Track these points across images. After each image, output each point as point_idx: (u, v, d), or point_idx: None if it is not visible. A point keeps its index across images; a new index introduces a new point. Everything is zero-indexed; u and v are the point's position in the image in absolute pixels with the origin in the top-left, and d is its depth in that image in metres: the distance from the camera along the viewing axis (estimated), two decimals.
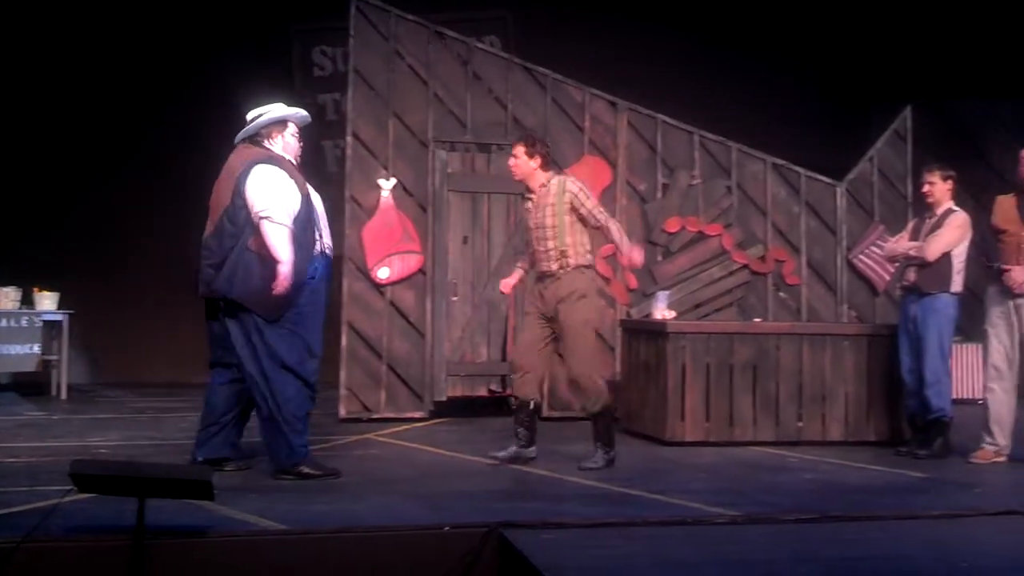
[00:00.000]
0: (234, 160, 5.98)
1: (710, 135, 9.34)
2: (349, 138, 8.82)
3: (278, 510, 4.98)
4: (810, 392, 7.67)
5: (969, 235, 7.14)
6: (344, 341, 8.64)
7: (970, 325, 11.15)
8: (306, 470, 5.88)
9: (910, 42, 11.16)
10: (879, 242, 9.20)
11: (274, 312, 5.75)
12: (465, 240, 8.96)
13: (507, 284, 6.80)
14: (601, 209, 6.58)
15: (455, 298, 8.90)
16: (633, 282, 9.10)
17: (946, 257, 7.06)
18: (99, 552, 4.28)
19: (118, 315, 11.65)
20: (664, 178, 9.26)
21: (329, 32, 11.60)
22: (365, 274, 8.70)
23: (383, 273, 8.70)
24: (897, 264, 7.98)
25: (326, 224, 6.11)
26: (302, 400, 5.89)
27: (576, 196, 6.46)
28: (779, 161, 9.42)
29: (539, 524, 4.79)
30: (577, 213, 6.45)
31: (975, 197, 11.25)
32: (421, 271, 8.79)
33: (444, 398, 8.80)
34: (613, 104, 9.22)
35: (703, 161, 9.32)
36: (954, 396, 10.19)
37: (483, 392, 9.06)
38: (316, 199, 6.08)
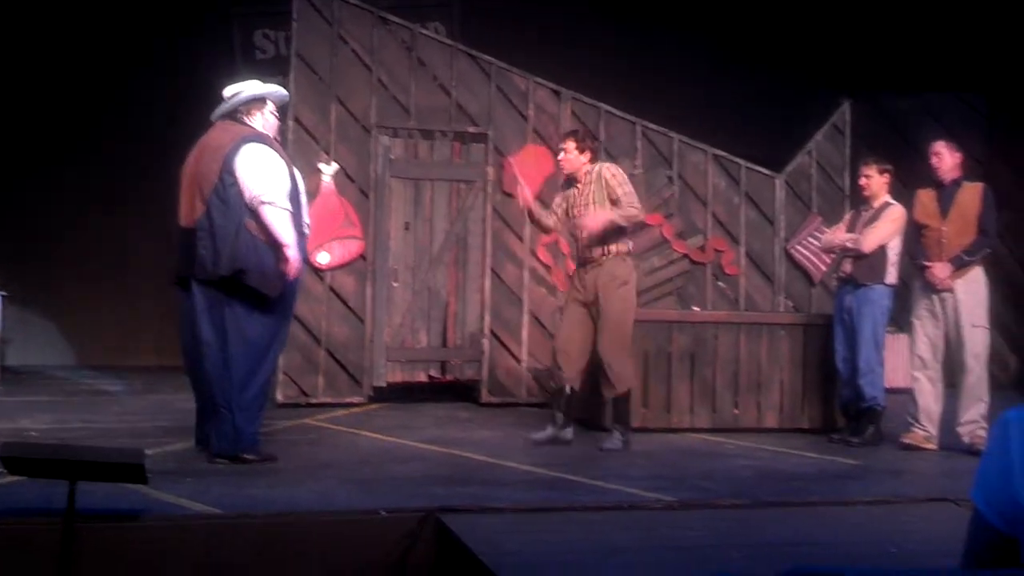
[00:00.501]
0: (218, 137, 5.85)
1: (652, 125, 9.39)
2: (291, 122, 8.72)
3: (212, 494, 4.94)
4: (747, 380, 7.75)
5: (904, 228, 7.25)
6: None
7: (903, 316, 11.38)
8: (247, 456, 5.80)
9: (848, 36, 11.29)
10: (816, 233, 9.31)
11: (276, 290, 5.72)
12: (407, 227, 8.93)
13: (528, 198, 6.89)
14: (635, 195, 6.79)
15: (396, 284, 8.86)
16: (573, 270, 9.12)
17: (881, 249, 7.17)
18: (29, 535, 4.22)
19: (53, 297, 11.48)
20: None
21: (271, 15, 11.47)
22: (305, 259, 8.60)
23: (323, 258, 8.64)
24: (833, 255, 8.08)
25: (304, 201, 6.08)
26: (262, 388, 5.87)
27: (609, 182, 6.66)
28: (720, 152, 9.49)
29: (477, 509, 4.79)
30: (612, 199, 6.63)
31: (911, 190, 11.46)
32: (362, 257, 8.74)
33: (383, 383, 8.77)
34: (557, 93, 9.23)
35: (645, 151, 9.36)
36: (887, 385, 10.42)
37: (423, 377, 9.06)
38: (296, 175, 6.01)
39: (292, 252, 5.67)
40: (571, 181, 6.89)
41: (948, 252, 6.89)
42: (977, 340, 6.90)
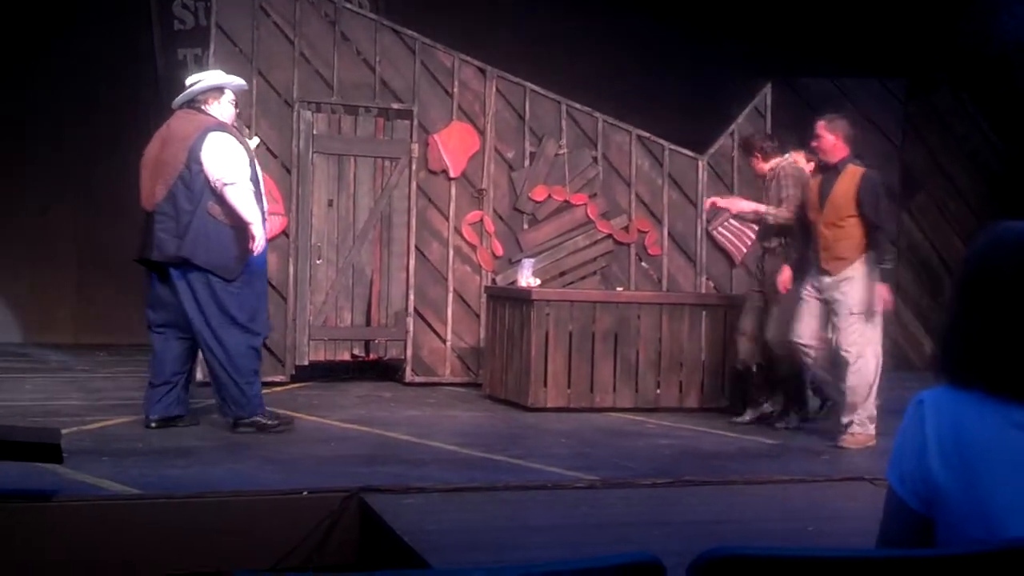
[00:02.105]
0: (182, 126, 6.18)
1: (577, 105, 9.41)
2: None
3: (130, 474, 4.87)
4: (669, 360, 7.83)
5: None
6: None
7: None
8: (262, 420, 6.20)
9: (771, 21, 11.40)
10: (739, 215, 9.41)
11: (234, 272, 6.07)
12: (330, 203, 8.84)
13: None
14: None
15: (319, 261, 8.78)
16: (499, 249, 9.13)
17: None
18: None
19: None
20: (532, 146, 9.30)
21: None
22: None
23: None
24: (751, 239, 8.16)
25: (262, 188, 6.41)
26: (253, 354, 6.25)
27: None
28: (644, 133, 9.54)
29: (400, 489, 4.78)
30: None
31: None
32: (284, 233, 8.63)
33: (306, 362, 8.70)
34: (482, 71, 9.20)
35: (570, 131, 9.38)
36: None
37: (346, 356, 8.99)
38: (255, 163, 6.36)
39: (257, 229, 6.02)
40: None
41: (828, 248, 6.50)
42: (857, 329, 6.50)
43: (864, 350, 6.43)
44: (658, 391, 7.75)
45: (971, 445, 1.80)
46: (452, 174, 8.99)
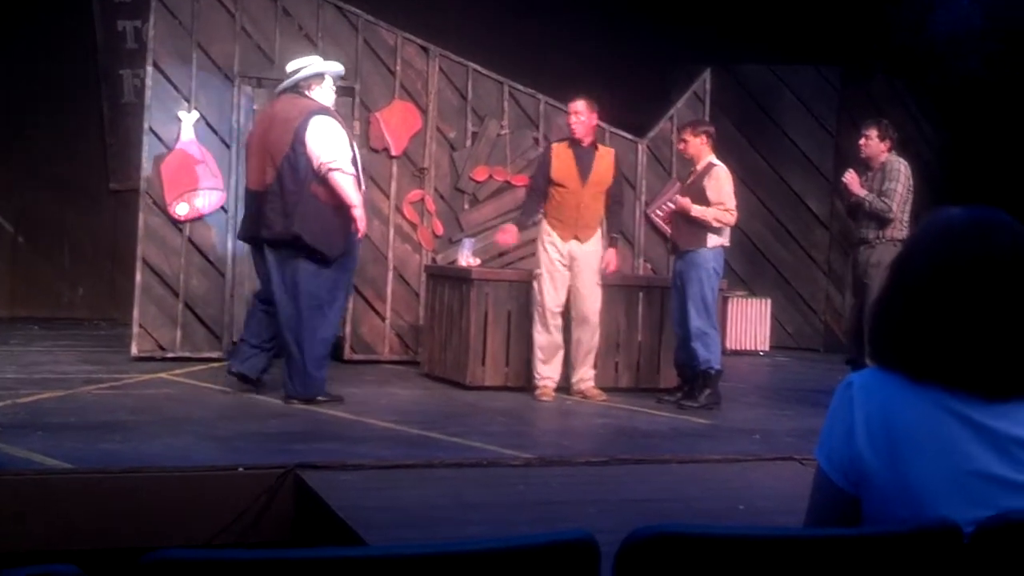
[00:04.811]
0: (287, 110, 6.43)
1: (520, 86, 9.41)
2: (149, 68, 8.46)
3: (64, 449, 4.82)
4: (605, 341, 7.88)
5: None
6: (138, 278, 8.35)
7: (756, 281, 11.75)
8: (319, 398, 6.47)
9: (711, 7, 11.48)
10: (676, 198, 9.50)
11: (338, 250, 6.35)
12: None
13: None
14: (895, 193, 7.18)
15: None
16: (439, 228, 9.13)
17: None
18: None
19: None
20: (474, 126, 9.29)
21: None
22: (162, 209, 8.41)
23: (181, 209, 8.44)
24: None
25: (360, 168, 6.61)
26: (329, 337, 6.58)
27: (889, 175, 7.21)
28: None
29: (336, 465, 4.79)
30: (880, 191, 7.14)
31: (764, 156, 11.82)
32: (222, 209, 8.56)
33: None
34: (425, 49, 9.16)
35: (512, 111, 9.39)
36: (735, 348, 10.77)
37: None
38: (355, 146, 6.60)
39: (359, 212, 6.33)
40: (866, 165, 7.28)
41: (584, 216, 7.27)
42: (597, 297, 7.32)
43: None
44: (594, 371, 7.80)
45: (898, 427, 1.84)
46: (393, 152, 8.96)
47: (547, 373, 7.39)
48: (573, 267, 7.37)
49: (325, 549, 1.57)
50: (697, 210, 7.17)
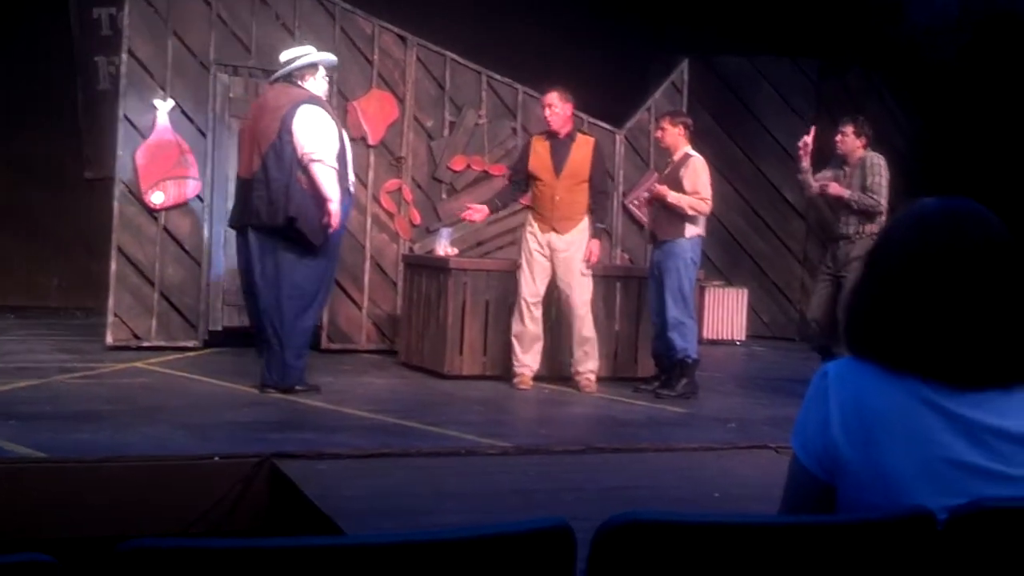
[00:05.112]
0: (277, 98, 6.46)
1: (497, 76, 9.40)
2: (124, 55, 8.40)
3: (39, 438, 4.79)
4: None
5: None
6: (113, 266, 8.30)
7: (733, 271, 11.80)
8: (296, 387, 6.45)
9: None
10: (653, 185, 9.52)
11: (322, 239, 6.34)
12: None
13: None
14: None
15: None
16: (417, 218, 9.11)
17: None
18: None
19: None
20: (451, 116, 9.27)
21: None
22: (137, 198, 8.36)
23: (157, 198, 8.39)
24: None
25: (351, 161, 6.67)
26: (309, 327, 6.63)
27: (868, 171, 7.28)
28: None
29: (312, 454, 4.78)
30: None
31: (741, 146, 11.85)
32: (198, 198, 8.52)
33: (220, 328, 8.60)
34: (403, 39, 9.13)
35: (490, 101, 9.37)
36: (712, 337, 10.81)
37: None
38: (344, 136, 6.61)
39: (335, 207, 6.29)
40: (841, 162, 7.35)
41: (559, 208, 7.25)
42: (584, 288, 7.33)
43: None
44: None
45: (872, 416, 1.85)
46: (370, 142, 8.94)
47: (525, 362, 7.40)
48: (554, 259, 7.37)
49: (302, 538, 1.57)
50: (673, 196, 7.19)
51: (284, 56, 6.69)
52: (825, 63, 11.64)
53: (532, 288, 7.39)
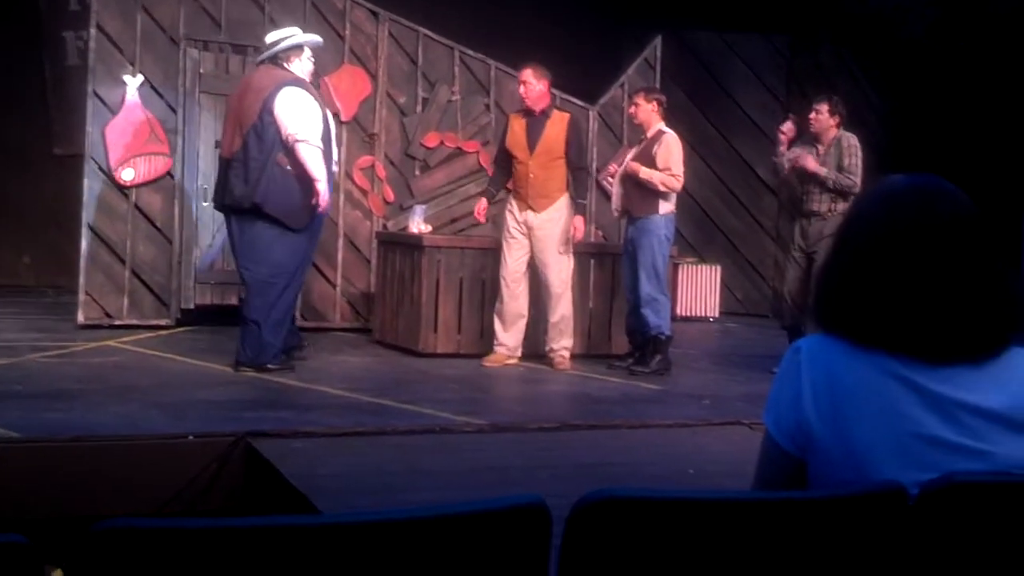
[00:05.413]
0: (260, 79, 6.48)
1: (470, 52, 9.36)
2: (93, 30, 8.31)
3: (10, 417, 4.76)
4: None
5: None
6: (84, 245, 8.24)
7: (707, 248, 11.83)
8: (270, 366, 6.43)
9: None
10: (625, 161, 9.51)
11: (302, 222, 6.36)
12: (217, 144, 8.66)
13: None
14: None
15: (206, 204, 8.61)
16: (390, 195, 9.08)
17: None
18: None
19: None
20: (424, 92, 9.23)
21: None
22: (108, 175, 8.29)
23: (127, 175, 8.32)
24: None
25: (334, 141, 6.72)
26: (289, 305, 6.64)
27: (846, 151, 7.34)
28: None
29: (287, 433, 4.78)
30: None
31: (713, 123, 11.86)
32: (169, 174, 8.45)
33: (192, 306, 8.57)
34: (375, 14, 9.07)
35: (463, 77, 9.34)
36: (687, 314, 10.86)
37: (234, 300, 8.86)
38: (329, 118, 6.64)
39: (322, 186, 6.30)
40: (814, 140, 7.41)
41: (534, 186, 7.25)
42: (562, 267, 7.33)
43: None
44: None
45: (843, 392, 1.86)
46: (343, 118, 8.89)
47: (503, 340, 7.40)
48: (532, 237, 7.37)
49: (277, 517, 1.57)
50: (645, 172, 7.20)
51: (270, 38, 6.69)
52: (796, 39, 11.66)
53: (510, 265, 7.39)
